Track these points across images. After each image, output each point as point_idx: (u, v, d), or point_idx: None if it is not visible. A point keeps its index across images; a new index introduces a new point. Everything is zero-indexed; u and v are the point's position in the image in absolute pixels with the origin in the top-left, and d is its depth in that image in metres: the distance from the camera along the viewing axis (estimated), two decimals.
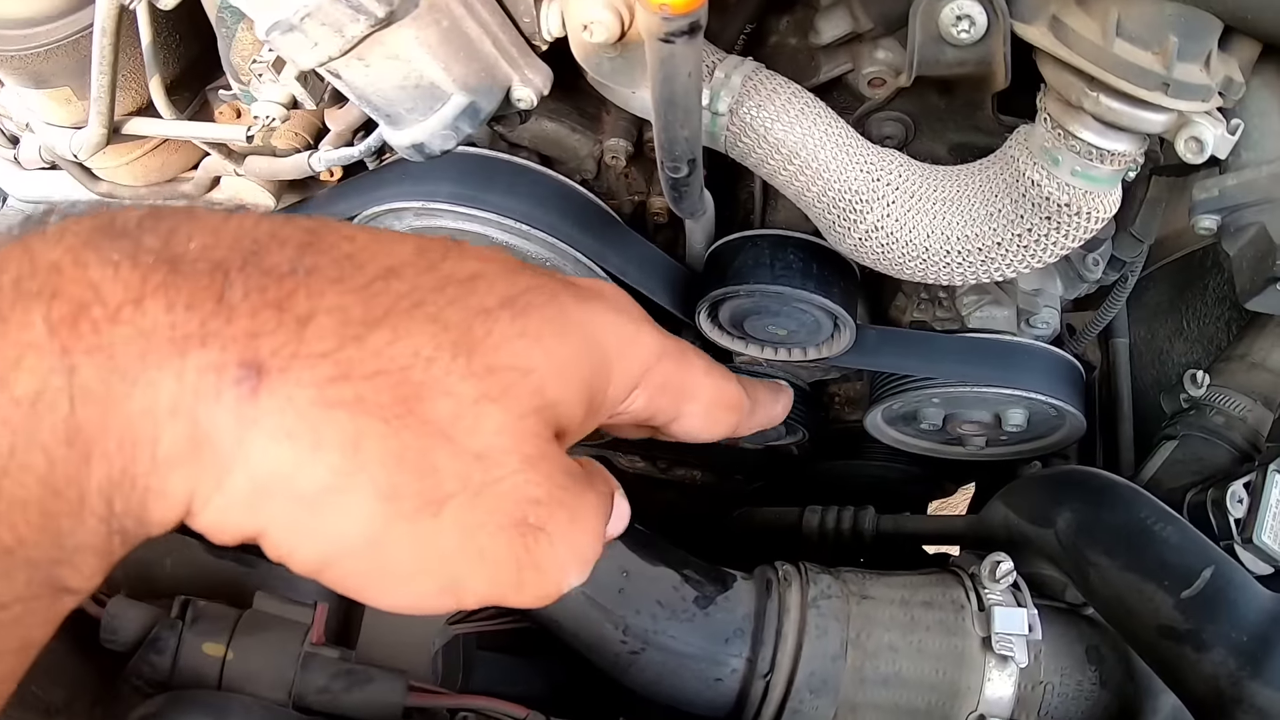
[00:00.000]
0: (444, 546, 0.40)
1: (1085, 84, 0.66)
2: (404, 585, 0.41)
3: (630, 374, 0.49)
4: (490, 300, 0.43)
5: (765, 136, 0.75)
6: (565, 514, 0.43)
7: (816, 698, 0.81)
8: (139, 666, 0.71)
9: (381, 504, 0.38)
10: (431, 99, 0.68)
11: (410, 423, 0.39)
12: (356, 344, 0.38)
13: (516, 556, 0.42)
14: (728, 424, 0.58)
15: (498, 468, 0.41)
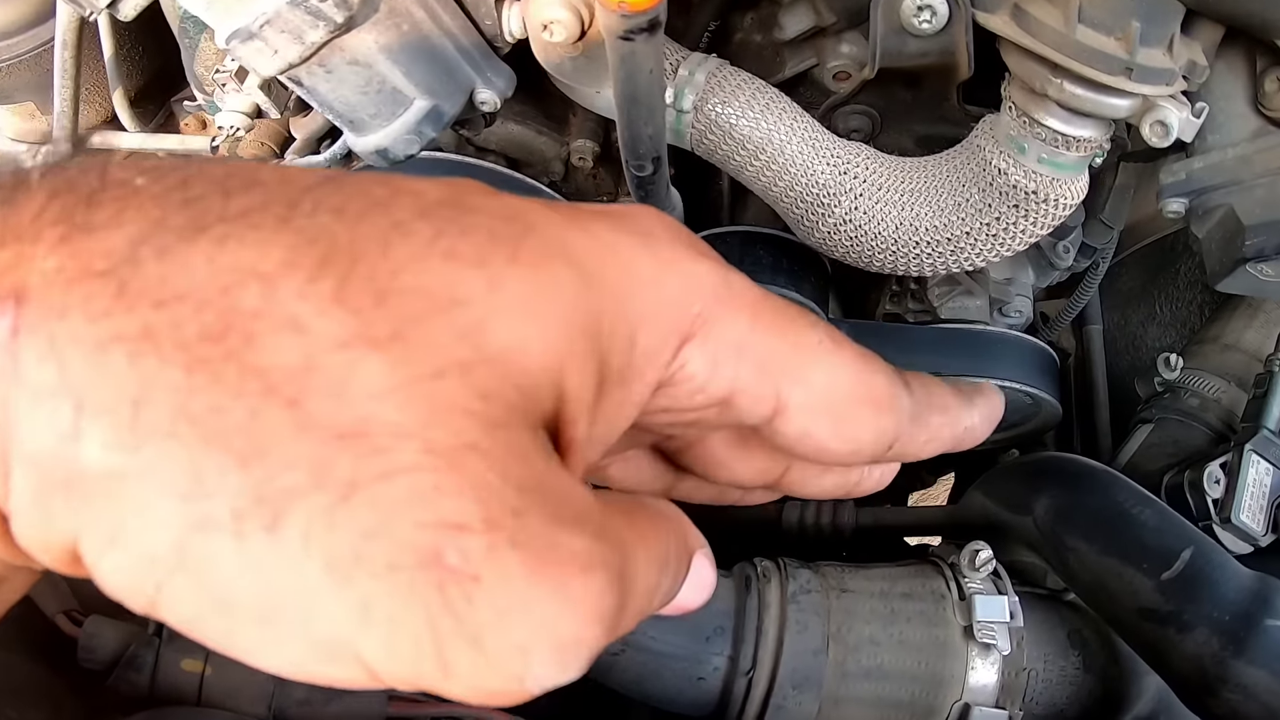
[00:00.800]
0: (301, 581, 0.24)
1: (1049, 71, 0.66)
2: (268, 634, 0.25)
3: (671, 320, 0.32)
4: (407, 210, 0.27)
5: (731, 133, 0.75)
6: (518, 556, 0.25)
7: (800, 693, 0.81)
8: (117, 685, 0.71)
9: (181, 504, 0.24)
10: (394, 104, 0.68)
11: (226, 372, 0.24)
12: (157, 257, 0.25)
13: (427, 621, 0.24)
14: (875, 430, 0.38)
15: (385, 454, 0.24)
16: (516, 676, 0.25)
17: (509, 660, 0.25)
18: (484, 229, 0.27)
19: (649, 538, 0.29)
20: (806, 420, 0.36)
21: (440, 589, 0.24)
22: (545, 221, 0.29)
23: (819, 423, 0.36)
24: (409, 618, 0.24)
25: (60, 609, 0.75)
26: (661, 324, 0.31)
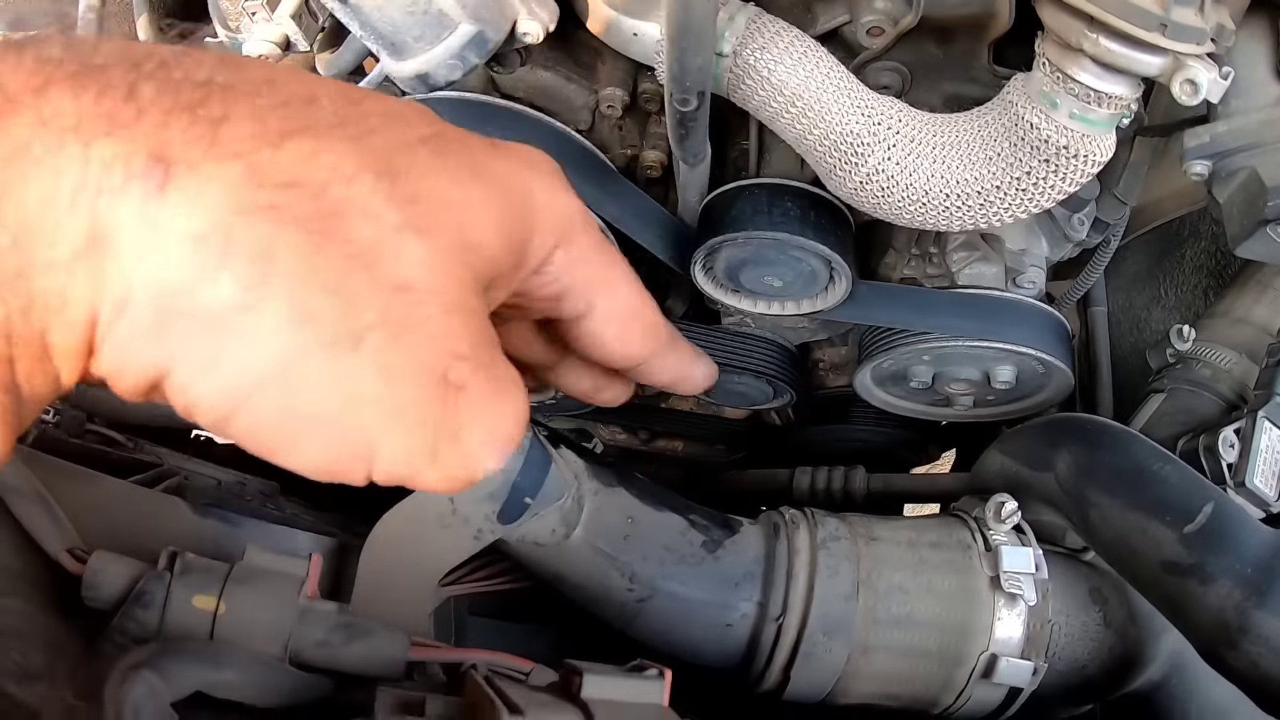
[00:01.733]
0: (360, 389, 0.37)
1: (1085, 25, 0.67)
2: (315, 435, 0.37)
3: (554, 226, 0.47)
4: (411, 135, 0.41)
5: (769, 79, 0.75)
6: (488, 379, 0.40)
7: (830, 639, 0.81)
8: (124, 623, 0.68)
9: (295, 328, 0.35)
10: (439, 26, 0.68)
11: (330, 241, 0.36)
12: (273, 150, 0.36)
13: (435, 417, 0.39)
14: (640, 346, 0.54)
15: (422, 305, 0.38)
16: (475, 466, 0.41)
17: (476, 452, 0.40)
18: (454, 154, 0.42)
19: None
20: (600, 324, 0.52)
21: (444, 396, 0.39)
22: (483, 150, 0.44)
23: (609, 327, 0.52)
24: (425, 415, 0.38)
25: (63, 546, 0.73)
26: (550, 231, 0.47)
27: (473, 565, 0.87)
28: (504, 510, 0.78)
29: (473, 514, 0.78)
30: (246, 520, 0.85)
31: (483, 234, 0.41)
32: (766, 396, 1.15)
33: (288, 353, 0.35)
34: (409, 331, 0.37)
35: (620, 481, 0.86)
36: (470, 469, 0.41)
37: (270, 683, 0.66)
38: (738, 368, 1.09)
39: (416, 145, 0.40)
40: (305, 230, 0.35)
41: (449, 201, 0.40)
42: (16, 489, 0.73)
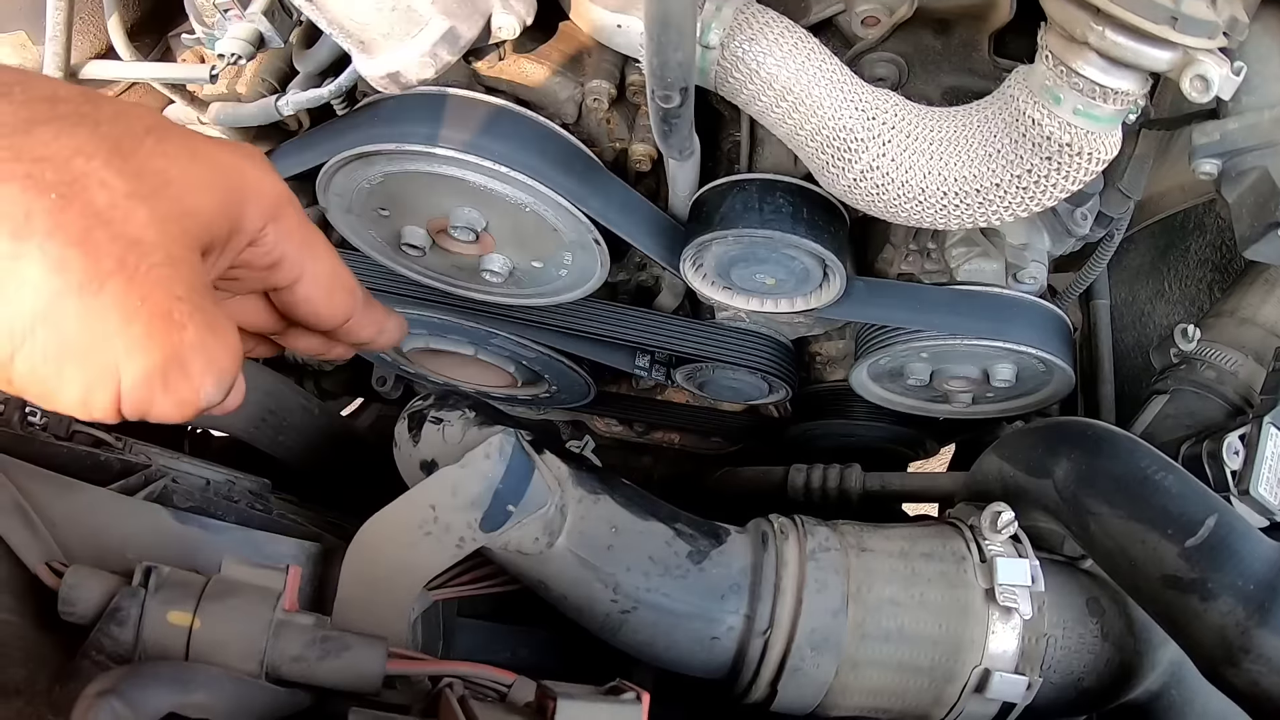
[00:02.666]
0: (106, 325, 0.46)
1: (1090, 17, 0.64)
2: (75, 370, 0.46)
3: (264, 203, 0.56)
4: (139, 126, 0.49)
5: (757, 72, 0.72)
6: (204, 319, 0.49)
7: (818, 655, 0.78)
8: (99, 640, 0.67)
9: (52, 275, 0.44)
10: (409, 23, 0.65)
11: (73, 204, 0.45)
12: (24, 135, 0.45)
13: (162, 347, 0.47)
14: (344, 306, 0.64)
15: (149, 256, 0.47)
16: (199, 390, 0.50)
17: (199, 378, 0.49)
18: (175, 140, 0.51)
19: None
20: (312, 289, 0.61)
21: (169, 330, 0.47)
22: (201, 140, 0.53)
23: (319, 291, 0.62)
24: (156, 344, 0.47)
25: (41, 559, 0.72)
26: (260, 207, 0.55)
27: (461, 568, 0.85)
28: (486, 518, 0.76)
29: (454, 522, 0.76)
30: (228, 527, 0.83)
31: (198, 203, 0.51)
32: (762, 392, 1.13)
33: (47, 296, 0.44)
34: (140, 278, 0.46)
35: (605, 489, 0.83)
36: (196, 394, 0.50)
37: (244, 702, 0.65)
38: (732, 363, 1.06)
39: (143, 134, 0.49)
40: (54, 195, 0.45)
41: (169, 177, 0.49)
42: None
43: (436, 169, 0.82)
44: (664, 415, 1.36)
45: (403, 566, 0.77)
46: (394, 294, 1.06)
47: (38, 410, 1.07)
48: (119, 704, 0.56)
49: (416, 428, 0.83)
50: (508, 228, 0.89)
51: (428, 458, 0.82)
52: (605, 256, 0.89)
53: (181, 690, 0.61)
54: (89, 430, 1.11)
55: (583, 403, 1.28)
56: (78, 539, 0.76)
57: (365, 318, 0.67)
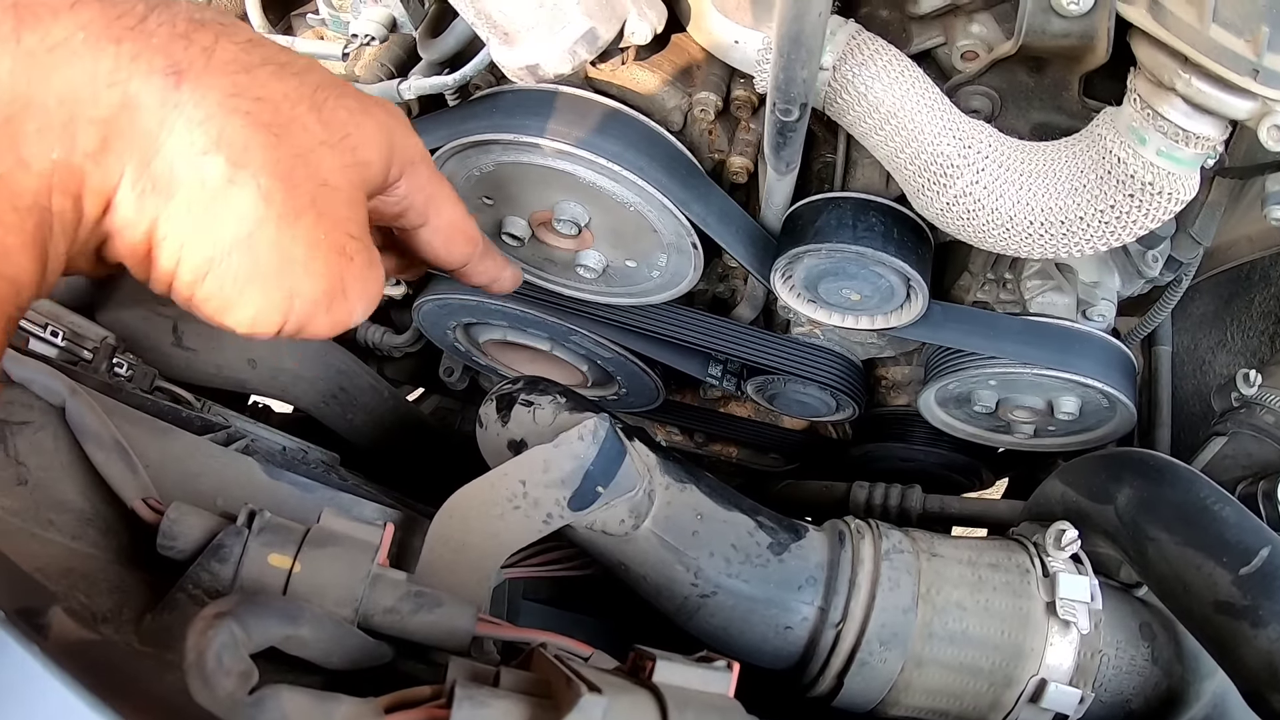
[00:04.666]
0: (293, 253, 0.54)
1: (1179, 65, 0.69)
2: (257, 291, 0.54)
3: (405, 157, 0.63)
4: (324, 79, 0.57)
5: (865, 95, 0.79)
6: (366, 255, 0.59)
7: (886, 650, 0.84)
8: (198, 574, 0.70)
9: (260, 203, 0.52)
10: (553, 19, 0.71)
11: (283, 143, 0.53)
12: (247, 75, 0.52)
13: (336, 276, 0.56)
14: (462, 253, 0.73)
15: (334, 197, 0.56)
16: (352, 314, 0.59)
17: (355, 304, 0.58)
18: (350, 96, 0.58)
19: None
20: (434, 237, 0.70)
21: (341, 262, 0.56)
22: (363, 96, 0.60)
23: (440, 238, 0.70)
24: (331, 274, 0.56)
25: (138, 495, 0.75)
26: (402, 160, 0.63)
27: (533, 549, 0.90)
28: (575, 496, 0.81)
29: (543, 498, 0.81)
30: (317, 485, 0.87)
31: (369, 156, 0.59)
32: (829, 409, 1.19)
33: (252, 222, 0.52)
34: (327, 215, 0.55)
35: (691, 479, 0.89)
36: (350, 315, 0.59)
37: (339, 643, 0.68)
38: (804, 377, 1.12)
39: (328, 86, 0.57)
40: (269, 132, 0.52)
41: (348, 129, 0.57)
42: (95, 435, 0.76)
43: (548, 162, 0.88)
44: (725, 428, 1.42)
45: (489, 536, 0.82)
46: None
47: (124, 361, 1.14)
48: (236, 626, 0.58)
49: (506, 409, 0.88)
50: (609, 225, 0.96)
51: (517, 437, 0.87)
52: (700, 261, 0.96)
53: (291, 623, 0.64)
54: (169, 387, 1.18)
55: (649, 408, 1.33)
56: (171, 483, 0.80)
57: (481, 266, 0.76)
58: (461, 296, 1.17)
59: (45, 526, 0.73)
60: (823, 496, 1.24)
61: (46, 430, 0.77)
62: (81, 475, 0.76)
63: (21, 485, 0.74)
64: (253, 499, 0.82)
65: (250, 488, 0.85)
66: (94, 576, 0.72)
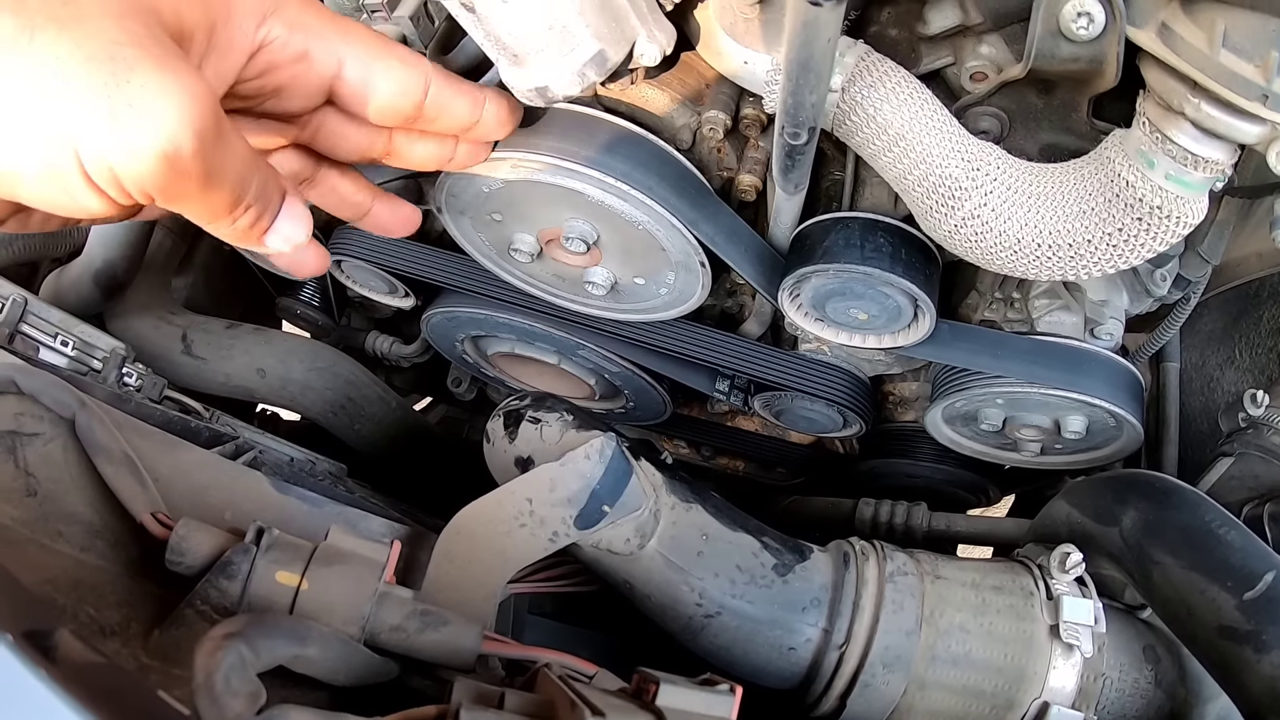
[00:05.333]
0: (42, 76, 0.48)
1: (1188, 90, 0.70)
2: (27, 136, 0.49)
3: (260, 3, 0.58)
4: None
5: (874, 117, 0.79)
6: (153, 61, 0.50)
7: (889, 672, 0.85)
8: (206, 590, 0.70)
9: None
10: (562, 42, 0.72)
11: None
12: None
13: (106, 87, 0.49)
14: (405, 76, 0.66)
15: (81, 9, 0.49)
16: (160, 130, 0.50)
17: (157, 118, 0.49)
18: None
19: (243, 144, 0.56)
20: (361, 69, 0.62)
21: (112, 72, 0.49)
22: None
23: (371, 69, 0.63)
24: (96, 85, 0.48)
25: (147, 509, 0.75)
26: (248, 6, 0.57)
27: (538, 565, 0.90)
28: (581, 515, 0.82)
29: (550, 516, 0.82)
30: (325, 500, 0.88)
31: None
32: (836, 425, 1.19)
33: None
34: (72, 26, 0.49)
35: (697, 498, 0.90)
36: (161, 134, 0.50)
37: (346, 661, 0.68)
38: (811, 394, 1.13)
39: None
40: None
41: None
42: (105, 449, 0.77)
43: (558, 181, 0.88)
44: (732, 442, 1.43)
45: (495, 553, 0.82)
46: (492, 297, 1.14)
47: (133, 372, 1.15)
48: (244, 647, 0.58)
49: (513, 425, 0.89)
50: (618, 243, 0.97)
51: (524, 454, 0.88)
52: (708, 279, 0.97)
53: (299, 643, 0.64)
54: (177, 397, 1.18)
55: (656, 421, 1.34)
56: (180, 496, 0.80)
57: (449, 92, 0.69)
58: (470, 310, 1.18)
59: (54, 538, 0.73)
60: (829, 513, 1.25)
61: (56, 442, 0.77)
62: (91, 487, 0.76)
63: (31, 496, 0.74)
64: (261, 514, 0.83)
65: (259, 502, 0.85)
66: (102, 589, 0.72)
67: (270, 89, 0.63)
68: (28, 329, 1.09)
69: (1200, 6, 0.67)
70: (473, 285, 1.13)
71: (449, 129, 0.73)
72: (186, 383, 1.26)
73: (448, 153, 0.75)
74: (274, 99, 0.64)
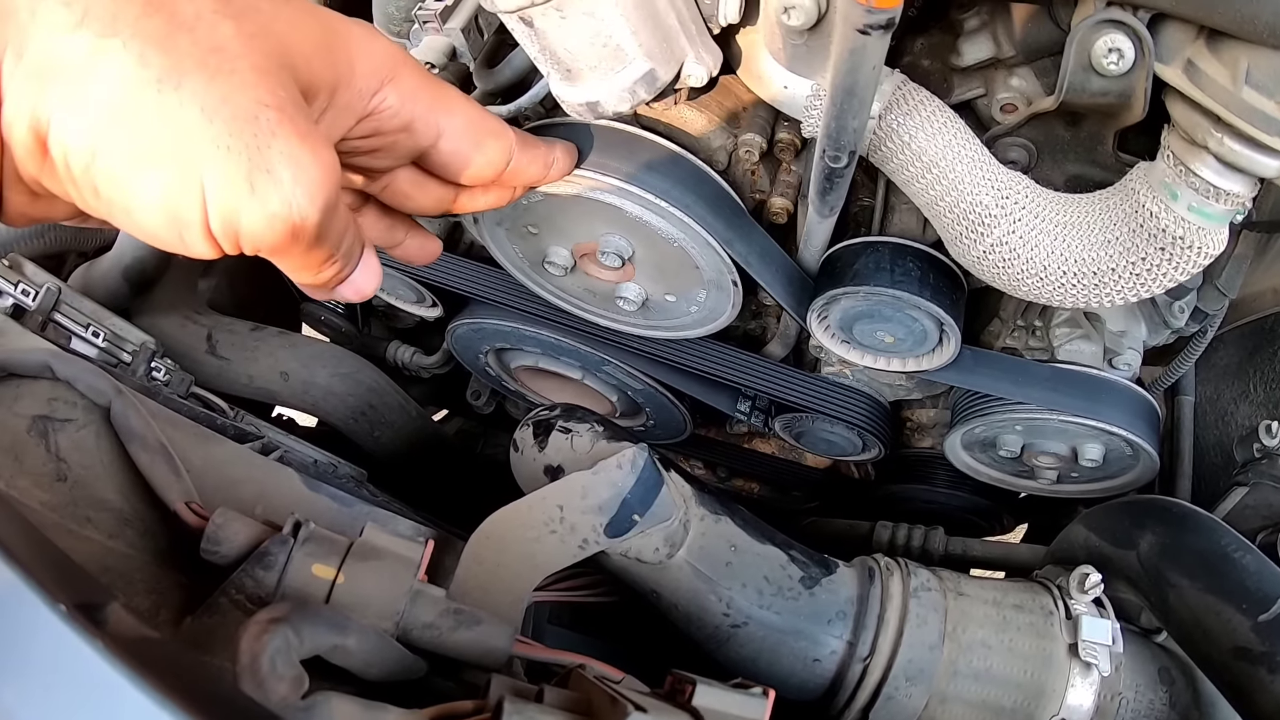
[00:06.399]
0: (185, 121, 0.49)
1: (1211, 125, 0.73)
2: (154, 174, 0.49)
3: (375, 62, 0.59)
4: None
5: (909, 144, 0.82)
6: (295, 130, 0.51)
7: (912, 685, 0.88)
8: (242, 580, 0.71)
9: (130, 68, 0.48)
10: (615, 60, 0.75)
11: (159, 13, 0.49)
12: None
13: (249, 148, 0.50)
14: (498, 150, 0.69)
15: (231, 62, 0.50)
16: (290, 201, 0.51)
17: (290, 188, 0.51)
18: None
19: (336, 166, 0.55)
20: (457, 142, 0.65)
21: (255, 132, 0.50)
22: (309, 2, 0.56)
23: (464, 143, 0.66)
24: (240, 146, 0.49)
25: (181, 499, 0.76)
26: (373, 69, 0.59)
27: (559, 574, 0.92)
28: (611, 524, 0.85)
29: (580, 523, 0.84)
30: (355, 500, 0.90)
31: (289, 35, 0.53)
32: (856, 448, 1.22)
33: (128, 87, 0.48)
34: (222, 78, 0.49)
35: (726, 511, 0.93)
36: (287, 205, 0.52)
37: (380, 655, 0.69)
38: (833, 416, 1.16)
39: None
40: (141, 4, 0.49)
41: (259, 7, 0.53)
42: (140, 437, 0.78)
43: (597, 195, 0.91)
44: (750, 464, 1.45)
45: (525, 558, 0.84)
46: (522, 309, 1.17)
47: (161, 367, 1.17)
48: (290, 632, 0.59)
49: (544, 435, 0.92)
50: (652, 260, 1.00)
51: (554, 463, 0.90)
52: (739, 299, 1.00)
53: (340, 633, 0.65)
54: (203, 394, 1.21)
55: (676, 440, 1.37)
56: (212, 488, 0.82)
57: (527, 157, 0.73)
58: (497, 322, 1.21)
59: (82, 524, 0.74)
60: (847, 534, 1.27)
61: (89, 429, 0.79)
62: (122, 475, 0.78)
63: (61, 481, 0.76)
64: (292, 509, 0.83)
65: (290, 498, 0.87)
66: (131, 576, 0.74)
67: (365, 150, 0.65)
68: (60, 318, 1.12)
69: (1225, 44, 0.70)
70: (503, 297, 1.16)
71: (519, 185, 0.76)
72: (209, 382, 1.28)
73: (509, 196, 0.78)
74: (365, 158, 0.67)
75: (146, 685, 0.42)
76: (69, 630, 0.43)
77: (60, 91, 0.48)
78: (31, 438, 0.77)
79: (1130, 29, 0.71)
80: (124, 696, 0.41)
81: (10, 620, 0.43)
